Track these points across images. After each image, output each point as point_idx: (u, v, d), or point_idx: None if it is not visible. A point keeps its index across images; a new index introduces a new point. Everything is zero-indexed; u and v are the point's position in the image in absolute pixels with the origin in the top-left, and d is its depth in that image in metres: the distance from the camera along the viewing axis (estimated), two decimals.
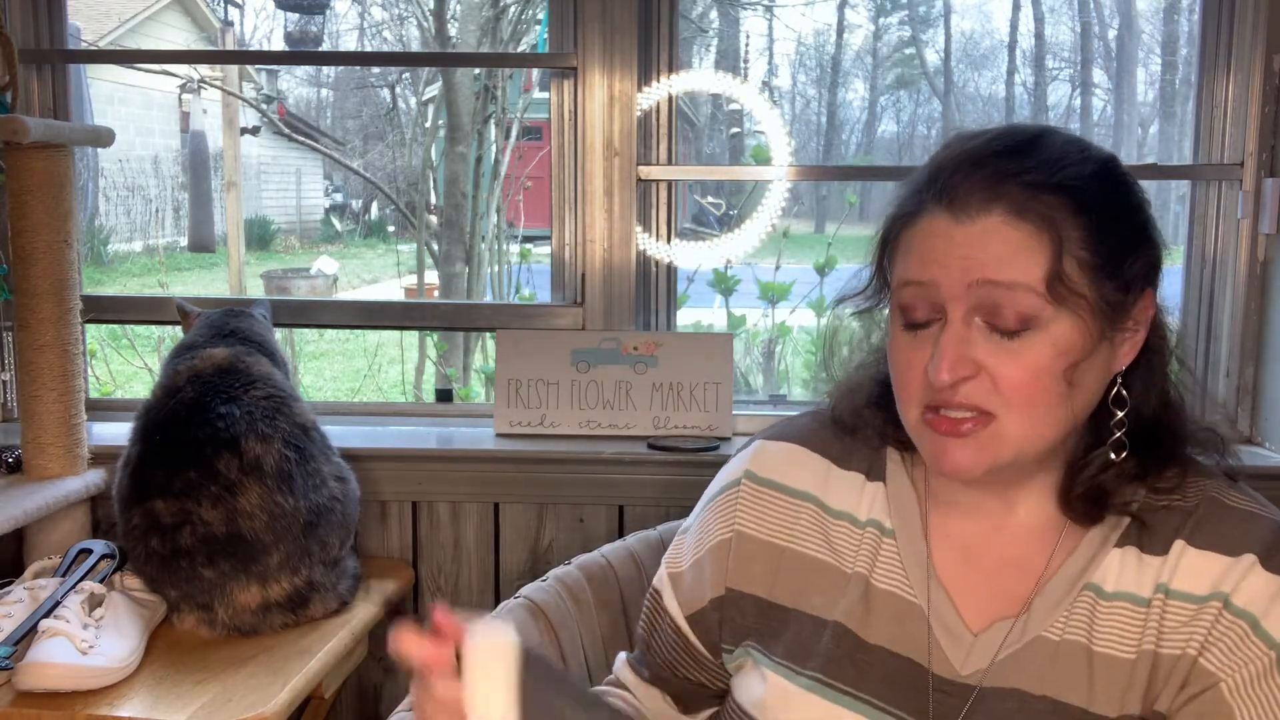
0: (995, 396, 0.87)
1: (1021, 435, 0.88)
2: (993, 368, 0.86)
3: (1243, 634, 0.88)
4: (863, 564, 0.99)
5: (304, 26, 6.41)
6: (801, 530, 1.02)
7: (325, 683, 1.50)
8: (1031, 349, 0.86)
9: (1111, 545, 0.93)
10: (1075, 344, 0.87)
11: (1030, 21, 8.64)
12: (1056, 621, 0.92)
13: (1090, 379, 0.89)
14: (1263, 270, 1.89)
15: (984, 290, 0.86)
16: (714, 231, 5.27)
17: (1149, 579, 0.91)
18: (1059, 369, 0.86)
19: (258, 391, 1.58)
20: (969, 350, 0.87)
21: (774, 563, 1.02)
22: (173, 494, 1.49)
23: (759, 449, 1.07)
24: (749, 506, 1.05)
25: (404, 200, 5.08)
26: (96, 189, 8.06)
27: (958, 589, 0.96)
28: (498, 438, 1.90)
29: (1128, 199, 0.91)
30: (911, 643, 0.95)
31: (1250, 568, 0.89)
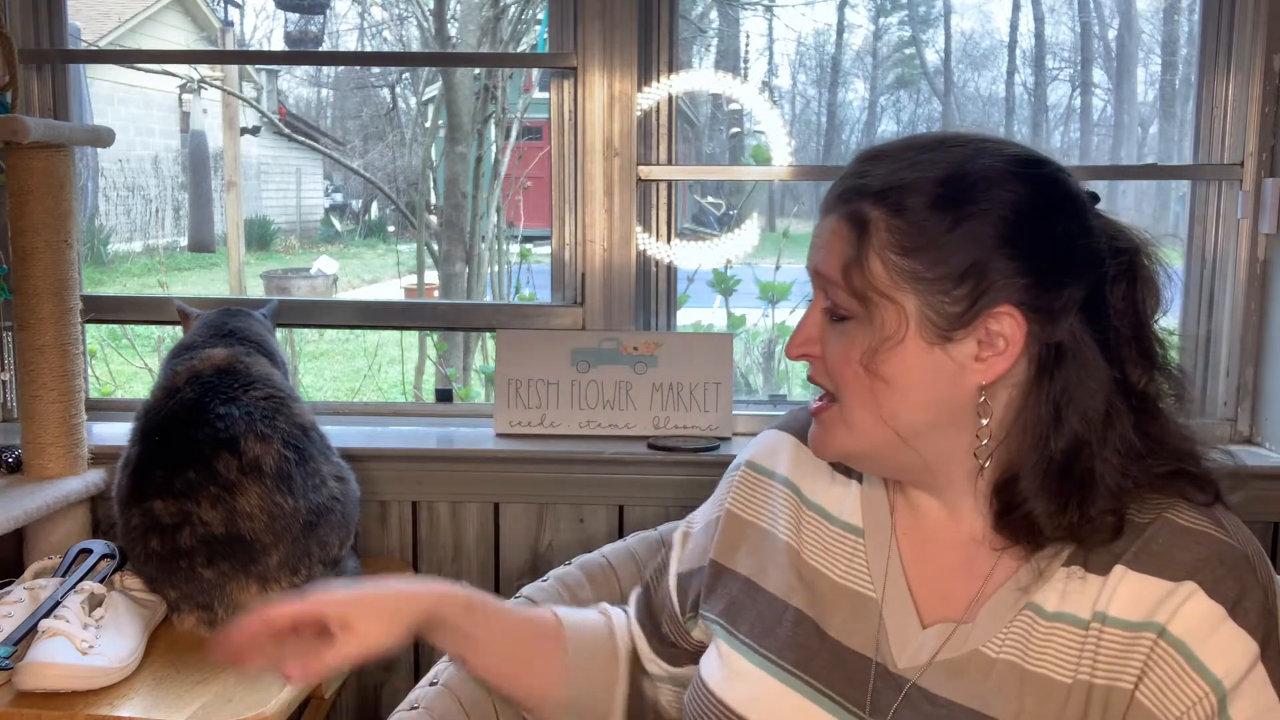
0: (829, 379, 0.94)
1: (855, 421, 0.92)
2: (825, 350, 0.94)
3: (1178, 667, 0.85)
4: (827, 560, 1.02)
5: (304, 26, 6.40)
6: (777, 512, 1.07)
7: (325, 683, 1.50)
8: (845, 337, 0.91)
9: (1059, 564, 0.91)
10: (881, 341, 0.89)
11: (1030, 21, 8.63)
12: (995, 637, 0.91)
13: (910, 380, 0.89)
14: (1263, 270, 1.89)
15: (820, 279, 0.94)
16: (714, 231, 5.27)
17: (1089, 601, 0.89)
18: (864, 360, 0.90)
19: (257, 392, 1.58)
20: (813, 331, 0.95)
21: (755, 542, 1.07)
22: (172, 494, 1.49)
23: (764, 437, 1.14)
24: (741, 489, 1.11)
25: (404, 200, 5.08)
26: (96, 189, 8.06)
27: (917, 583, 0.97)
28: (498, 438, 1.90)
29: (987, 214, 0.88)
30: (864, 637, 0.97)
31: (1191, 594, 0.86)
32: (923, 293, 0.88)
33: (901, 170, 0.90)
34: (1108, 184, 2.23)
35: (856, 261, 0.89)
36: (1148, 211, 5.24)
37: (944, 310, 0.88)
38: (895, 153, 0.92)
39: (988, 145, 0.92)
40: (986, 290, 0.87)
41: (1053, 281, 0.88)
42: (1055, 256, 0.89)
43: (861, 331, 0.90)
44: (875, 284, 0.89)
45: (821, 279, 0.93)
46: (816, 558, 1.02)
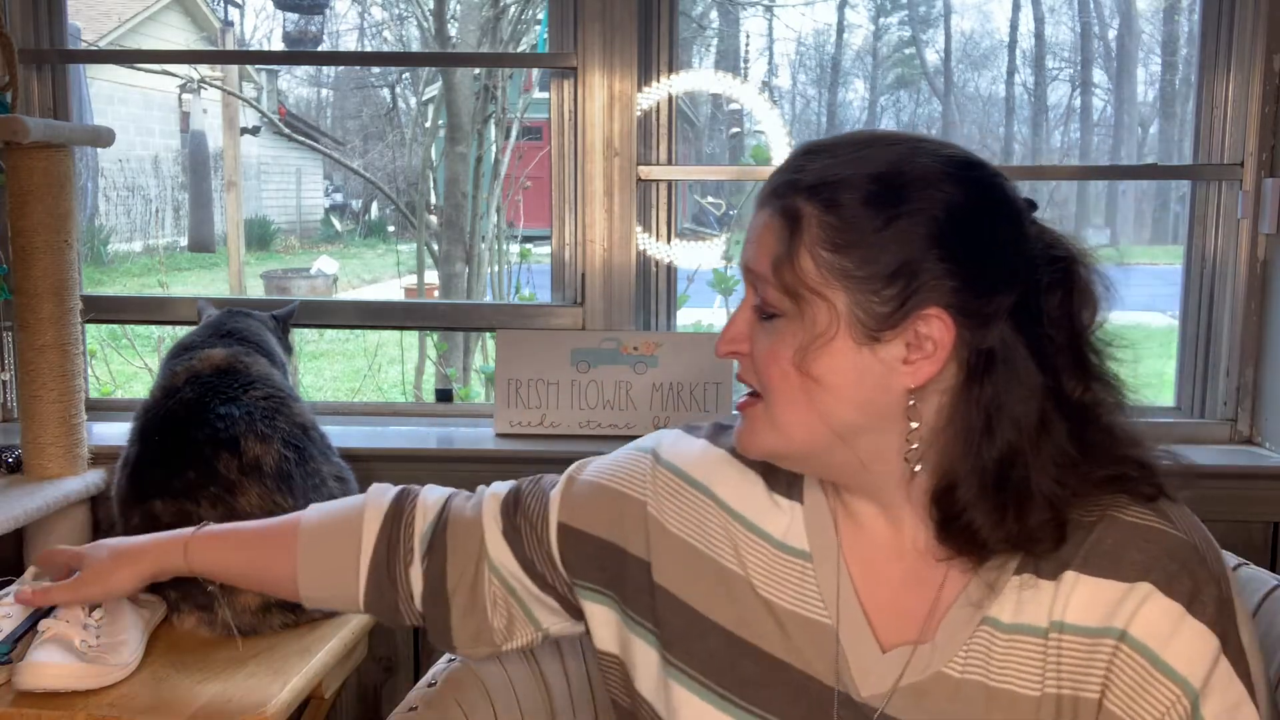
0: (756, 378, 0.92)
1: (782, 420, 0.90)
2: (754, 348, 0.92)
3: (1144, 672, 0.85)
4: (777, 589, 0.97)
5: (304, 26, 6.41)
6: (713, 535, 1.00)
7: (325, 683, 1.50)
8: (775, 335, 0.89)
9: (1009, 574, 0.89)
10: (811, 340, 0.87)
11: (1030, 21, 8.64)
12: (957, 657, 0.90)
13: (840, 380, 0.87)
14: (1263, 270, 1.89)
15: (751, 276, 0.92)
16: (714, 231, 5.27)
17: (1044, 609, 0.88)
18: (794, 359, 0.88)
19: (257, 392, 1.58)
20: (742, 329, 0.93)
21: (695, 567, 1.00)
22: (172, 494, 1.49)
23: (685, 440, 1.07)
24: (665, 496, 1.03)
25: (404, 200, 5.09)
26: (96, 189, 8.06)
27: (871, 605, 0.94)
28: (498, 438, 1.90)
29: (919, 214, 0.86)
30: (823, 664, 0.94)
31: (1147, 595, 0.85)
32: (852, 291, 0.86)
33: (836, 166, 0.88)
34: (1107, 184, 2.23)
35: (787, 257, 0.87)
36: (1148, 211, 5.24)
37: (873, 310, 0.86)
38: (831, 148, 0.90)
39: (925, 145, 0.90)
40: (916, 291, 0.85)
41: (984, 286, 0.86)
42: (987, 261, 0.87)
43: (791, 329, 0.88)
44: (805, 280, 0.87)
45: (752, 275, 0.91)
46: (767, 588, 0.97)
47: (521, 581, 1.08)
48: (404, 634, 1.89)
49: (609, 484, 1.07)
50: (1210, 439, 1.92)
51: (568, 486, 1.09)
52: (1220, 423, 1.93)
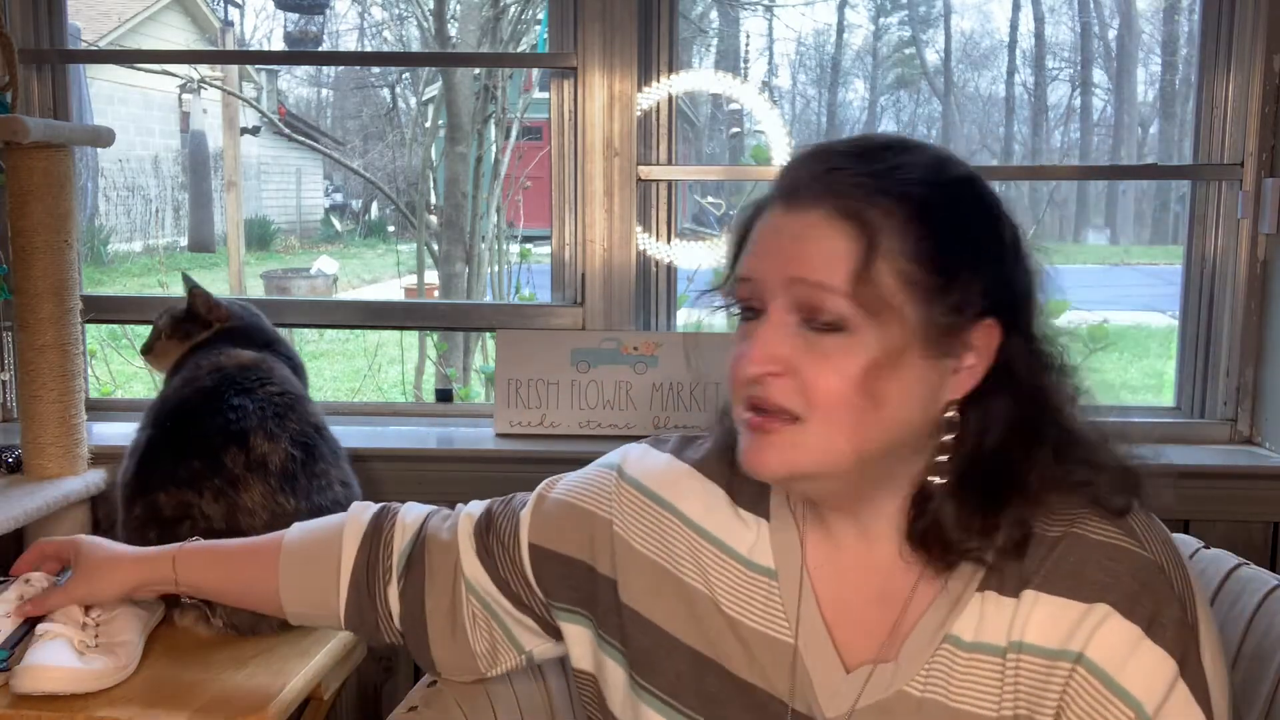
0: (799, 398, 0.84)
1: (821, 445, 0.84)
2: (801, 368, 0.83)
3: (1098, 694, 0.83)
4: (740, 604, 0.96)
5: (304, 26, 6.41)
6: (678, 553, 0.99)
7: (325, 683, 1.49)
8: (840, 353, 0.82)
9: (973, 590, 0.88)
10: (884, 357, 0.82)
11: (1030, 21, 8.64)
12: (918, 675, 0.88)
13: (901, 400, 0.84)
14: (1263, 270, 1.89)
15: (798, 289, 0.83)
16: (714, 231, 5.27)
17: (1004, 627, 0.87)
18: (862, 379, 0.82)
19: (273, 388, 1.59)
20: (780, 347, 0.84)
21: (660, 585, 0.99)
22: (176, 484, 1.49)
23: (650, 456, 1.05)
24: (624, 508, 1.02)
25: (404, 200, 5.09)
26: (96, 189, 8.06)
27: (836, 624, 0.93)
28: (498, 438, 1.90)
29: (975, 222, 0.86)
30: (783, 683, 0.93)
31: (1105, 616, 0.84)
32: (925, 305, 0.83)
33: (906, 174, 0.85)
34: (1107, 183, 2.23)
35: (865, 270, 0.81)
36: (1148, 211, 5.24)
37: (942, 323, 0.83)
38: (863, 150, 0.87)
39: (938, 150, 0.90)
40: (975, 302, 0.84)
41: (1015, 295, 0.87)
42: (1017, 269, 0.87)
43: (854, 346, 0.82)
44: (883, 295, 0.82)
45: (800, 289, 0.83)
46: (732, 606, 0.96)
47: (499, 602, 1.07)
48: None
49: (576, 502, 1.05)
50: (1210, 439, 1.92)
51: (538, 505, 1.08)
52: (1220, 423, 1.93)
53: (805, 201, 0.84)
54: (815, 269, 0.83)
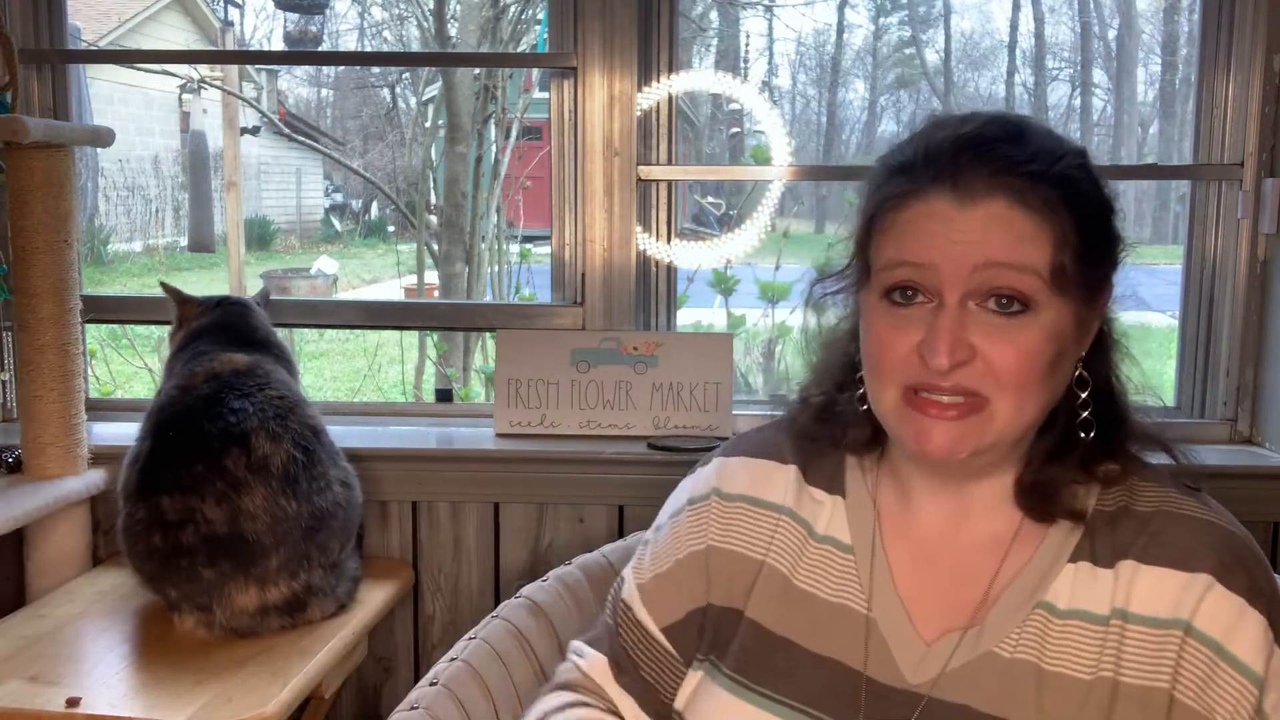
0: (989, 379, 0.87)
1: (1008, 418, 0.88)
2: (987, 351, 0.87)
3: (1211, 664, 0.86)
4: (815, 579, 0.99)
5: (304, 26, 6.41)
6: (771, 541, 1.02)
7: (325, 683, 1.50)
8: (1026, 331, 0.87)
9: (1064, 561, 0.92)
10: (1064, 330, 0.88)
11: (1030, 21, 8.64)
12: (1008, 638, 0.91)
13: (1068, 365, 0.91)
14: (1263, 270, 1.89)
15: (990, 273, 0.86)
16: (714, 231, 5.27)
17: (1104, 597, 0.90)
18: (1050, 353, 0.87)
19: (272, 391, 1.59)
20: (965, 335, 0.87)
21: (752, 575, 1.02)
22: (179, 489, 1.50)
23: (721, 467, 1.07)
24: (720, 523, 1.04)
25: (404, 200, 5.09)
26: (96, 189, 8.06)
27: (912, 598, 0.95)
28: (498, 438, 1.90)
29: (1103, 192, 0.93)
30: (857, 653, 0.95)
31: (1209, 586, 0.87)
32: (1087, 276, 0.89)
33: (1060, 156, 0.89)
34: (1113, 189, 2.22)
35: (1059, 255, 0.86)
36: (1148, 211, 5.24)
37: (1092, 288, 0.90)
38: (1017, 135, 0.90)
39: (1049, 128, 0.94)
40: (1108, 270, 0.93)
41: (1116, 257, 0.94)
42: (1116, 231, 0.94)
43: (1035, 324, 0.86)
44: (1071, 276, 0.87)
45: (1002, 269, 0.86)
46: (807, 579, 0.99)
47: None
48: (404, 634, 1.89)
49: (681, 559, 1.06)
50: (1210, 439, 1.92)
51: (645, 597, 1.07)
52: (1220, 423, 1.93)
53: (980, 191, 0.87)
54: (1014, 253, 0.86)
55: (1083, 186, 0.89)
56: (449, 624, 1.88)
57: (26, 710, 1.28)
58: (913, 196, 0.89)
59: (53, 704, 1.31)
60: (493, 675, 1.20)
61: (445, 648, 1.27)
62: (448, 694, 1.16)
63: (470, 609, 1.87)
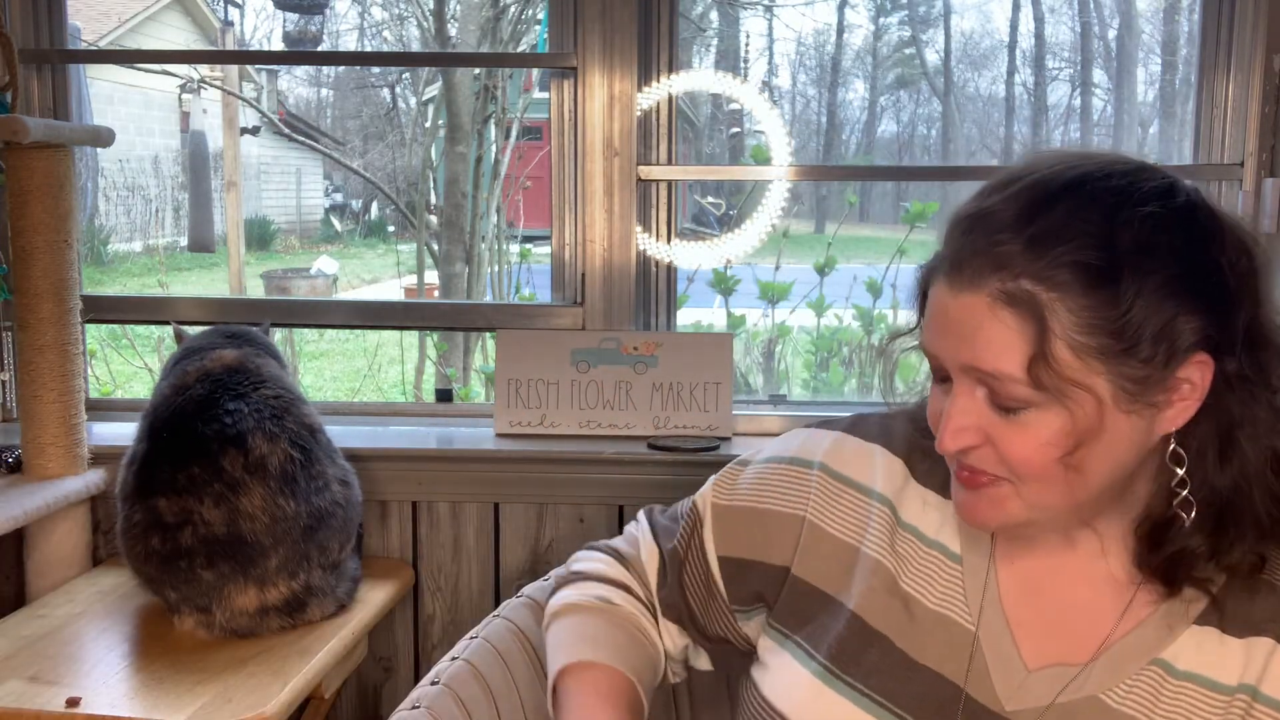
0: (1003, 466, 0.84)
1: (1031, 504, 0.85)
2: (997, 440, 0.83)
3: None
4: (920, 583, 0.96)
5: (304, 26, 6.41)
6: (867, 529, 0.99)
7: (325, 683, 1.50)
8: (1034, 425, 0.81)
9: (1190, 622, 0.87)
10: (1079, 427, 0.81)
11: (1030, 21, 8.64)
12: (1118, 688, 0.87)
13: (1105, 458, 0.82)
14: None
15: (975, 374, 0.83)
16: (714, 231, 5.27)
17: (1233, 667, 0.85)
18: (1060, 450, 0.81)
19: (267, 390, 1.58)
20: (973, 420, 0.84)
21: (841, 560, 0.99)
22: (176, 491, 1.49)
23: (839, 442, 1.03)
24: (821, 498, 1.01)
25: (404, 200, 5.09)
26: (96, 189, 8.06)
27: (1019, 622, 0.92)
28: (498, 438, 1.90)
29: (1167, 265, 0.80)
30: (954, 665, 0.92)
31: None
32: (1115, 366, 0.79)
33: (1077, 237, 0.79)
34: None
35: (1042, 355, 0.79)
36: None
37: (1138, 377, 0.80)
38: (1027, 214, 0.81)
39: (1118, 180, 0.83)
40: (1179, 344, 0.80)
41: (1226, 313, 0.81)
42: (1224, 287, 0.82)
43: (1047, 419, 0.81)
44: (1065, 374, 0.79)
45: (980, 374, 0.82)
46: (911, 582, 0.96)
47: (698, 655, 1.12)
48: (404, 634, 1.89)
49: (762, 506, 1.04)
50: None
51: (719, 517, 1.06)
52: None
53: (968, 281, 0.81)
54: (987, 359, 0.81)
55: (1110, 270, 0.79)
56: (449, 624, 1.88)
57: (26, 710, 1.28)
58: (935, 271, 0.86)
59: (53, 704, 1.31)
60: (494, 674, 1.20)
61: (445, 648, 1.27)
62: (449, 693, 1.16)
63: (470, 609, 1.87)
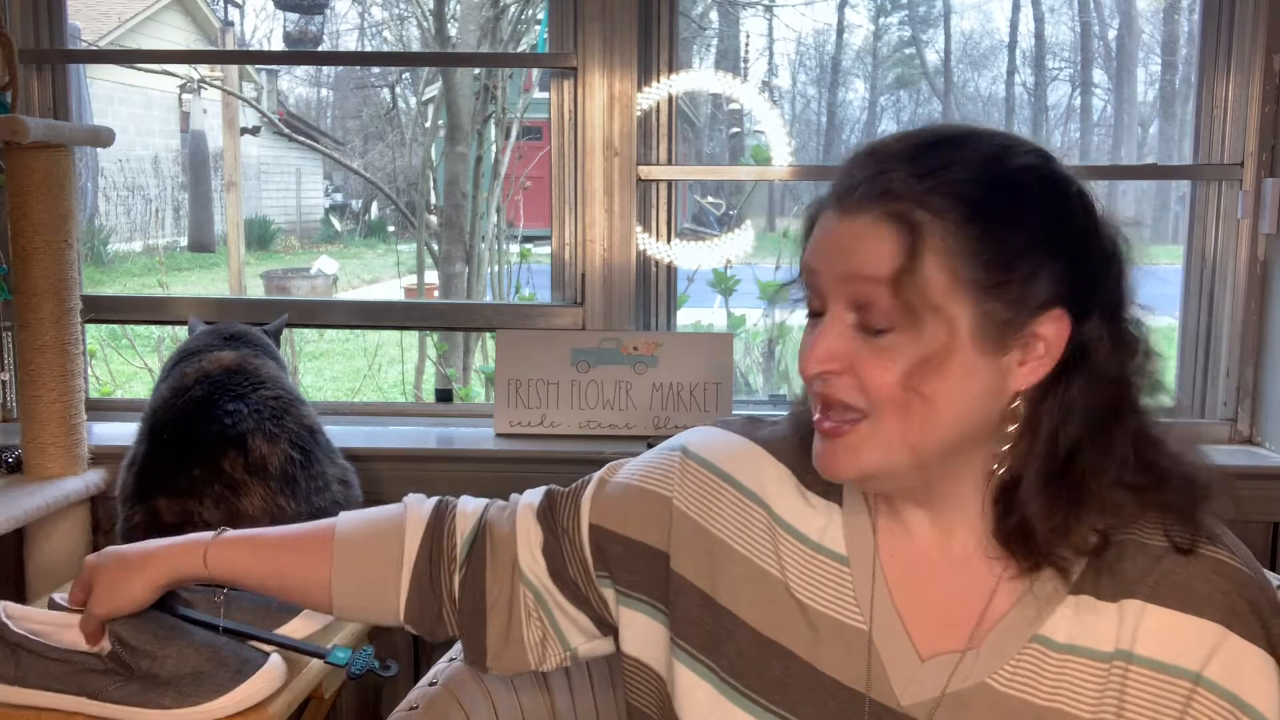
0: (860, 395, 0.85)
1: (882, 443, 0.85)
2: (858, 366, 0.85)
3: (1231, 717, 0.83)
4: (811, 589, 0.95)
5: (304, 26, 6.41)
6: (748, 532, 0.98)
7: (325, 683, 1.49)
8: (890, 350, 0.83)
9: (1065, 593, 0.88)
10: (932, 355, 0.83)
11: (1030, 21, 8.64)
12: (1003, 671, 0.88)
13: (954, 396, 0.84)
14: (1263, 270, 1.89)
15: (852, 286, 0.84)
16: (714, 231, 5.28)
17: (1106, 634, 0.86)
18: (911, 376, 0.83)
19: (266, 391, 1.58)
20: (839, 345, 0.85)
21: (725, 563, 0.98)
22: (176, 493, 1.49)
23: (700, 431, 1.06)
24: (689, 486, 1.01)
25: (404, 200, 5.08)
26: (96, 189, 8.06)
27: (908, 613, 0.92)
28: (498, 438, 1.90)
29: (1037, 213, 0.85)
30: (853, 670, 0.92)
31: (1224, 636, 0.84)
32: (979, 301, 0.82)
33: (957, 171, 0.84)
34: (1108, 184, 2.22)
35: (909, 270, 0.82)
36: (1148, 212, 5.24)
37: (999, 318, 0.83)
38: (916, 150, 0.86)
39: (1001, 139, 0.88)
40: (1038, 293, 0.83)
41: (1090, 284, 0.85)
42: (1089, 255, 0.86)
43: (903, 344, 0.83)
44: (928, 295, 0.82)
45: (851, 286, 0.84)
46: (803, 590, 0.95)
47: (552, 595, 1.05)
48: (404, 634, 1.89)
49: (638, 484, 1.04)
50: (1210, 439, 1.92)
51: (599, 488, 1.07)
52: (1220, 423, 1.93)
53: (856, 205, 0.85)
54: (863, 266, 0.83)
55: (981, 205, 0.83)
56: None
57: (26, 709, 1.28)
58: (823, 207, 0.89)
59: None
60: (493, 677, 1.20)
61: (445, 648, 1.27)
62: (448, 694, 1.16)
63: None
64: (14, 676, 1.24)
